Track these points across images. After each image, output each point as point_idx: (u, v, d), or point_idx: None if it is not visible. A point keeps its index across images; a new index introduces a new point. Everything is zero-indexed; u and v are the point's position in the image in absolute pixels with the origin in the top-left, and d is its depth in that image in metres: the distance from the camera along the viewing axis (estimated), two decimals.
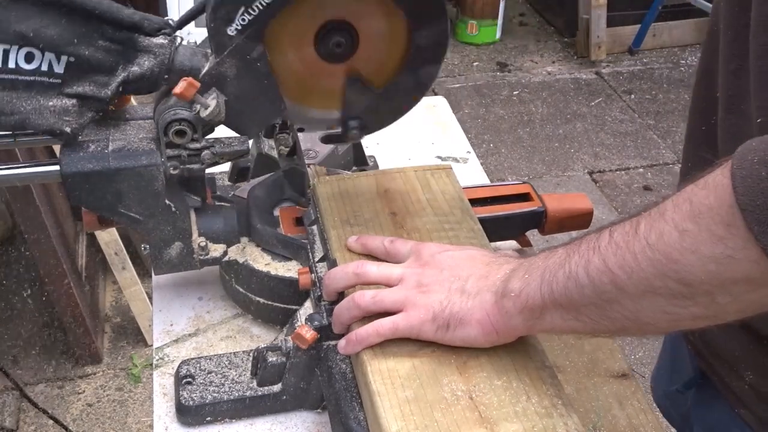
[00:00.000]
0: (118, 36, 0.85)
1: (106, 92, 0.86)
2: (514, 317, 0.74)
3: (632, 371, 1.02)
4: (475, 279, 0.78)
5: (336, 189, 1.00)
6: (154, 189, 0.91)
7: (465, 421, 0.71)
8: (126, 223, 0.94)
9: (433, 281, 0.79)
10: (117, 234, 2.38)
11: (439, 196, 1.00)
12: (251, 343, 1.02)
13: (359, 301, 0.80)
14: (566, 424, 0.71)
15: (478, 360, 0.77)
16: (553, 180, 3.37)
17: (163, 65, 0.87)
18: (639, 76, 4.15)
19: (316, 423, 0.92)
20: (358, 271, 0.84)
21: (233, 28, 0.83)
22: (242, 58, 0.85)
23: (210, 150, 0.91)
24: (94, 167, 0.88)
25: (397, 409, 0.72)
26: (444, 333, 0.77)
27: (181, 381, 0.92)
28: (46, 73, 0.84)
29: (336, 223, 0.95)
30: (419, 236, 0.92)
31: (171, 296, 1.10)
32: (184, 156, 0.91)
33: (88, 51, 0.84)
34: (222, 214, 1.03)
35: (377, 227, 0.94)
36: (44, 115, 0.85)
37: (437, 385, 0.74)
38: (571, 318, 0.71)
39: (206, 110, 0.86)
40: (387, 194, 1.00)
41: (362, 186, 1.01)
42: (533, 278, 0.72)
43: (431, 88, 0.94)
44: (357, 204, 0.98)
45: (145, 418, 2.33)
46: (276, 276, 1.00)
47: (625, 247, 0.65)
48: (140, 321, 2.49)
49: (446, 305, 0.77)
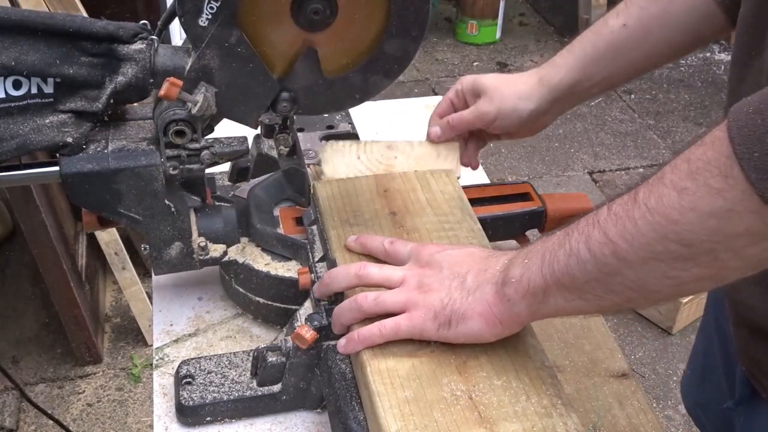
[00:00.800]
0: (97, 49, 0.86)
1: (97, 105, 0.87)
2: (517, 304, 0.73)
3: (632, 371, 1.03)
4: (474, 274, 0.78)
5: (336, 189, 1.00)
6: (154, 189, 0.91)
7: (464, 421, 0.71)
8: (126, 223, 0.94)
9: (433, 281, 0.79)
10: (117, 234, 2.38)
11: (439, 195, 1.00)
12: (251, 343, 1.02)
13: (362, 303, 0.80)
14: (566, 423, 0.71)
15: (478, 360, 0.77)
16: (553, 180, 3.37)
17: (146, 70, 0.87)
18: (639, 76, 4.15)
19: (316, 423, 0.92)
20: (361, 272, 0.84)
21: (204, 19, 0.82)
22: (221, 46, 0.84)
23: (209, 150, 0.91)
24: (93, 168, 0.88)
25: (396, 409, 0.72)
26: (447, 330, 0.76)
27: (181, 381, 0.92)
28: (37, 95, 0.85)
29: (336, 223, 0.95)
30: (419, 236, 0.92)
31: (171, 296, 1.10)
32: (183, 156, 0.91)
33: (72, 69, 0.85)
34: (222, 214, 1.03)
35: (377, 227, 0.94)
36: (43, 132, 0.86)
37: (437, 385, 0.74)
38: (574, 298, 0.70)
39: (195, 106, 0.85)
40: (387, 194, 1.00)
41: (362, 186, 1.01)
42: (533, 262, 0.72)
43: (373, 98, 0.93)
44: (357, 204, 0.98)
45: (145, 418, 2.33)
46: (276, 276, 1.00)
47: (625, 215, 0.64)
48: (140, 321, 2.49)
49: (447, 302, 0.77)
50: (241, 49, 0.84)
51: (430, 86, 4.06)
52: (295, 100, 0.90)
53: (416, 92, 3.97)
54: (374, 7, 0.84)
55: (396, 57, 0.87)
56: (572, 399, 0.94)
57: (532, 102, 1.07)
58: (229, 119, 0.91)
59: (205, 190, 1.02)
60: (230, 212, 1.03)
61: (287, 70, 0.88)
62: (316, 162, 1.08)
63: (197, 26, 0.82)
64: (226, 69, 0.85)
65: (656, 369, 2.48)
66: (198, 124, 0.88)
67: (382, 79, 0.89)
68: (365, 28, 0.86)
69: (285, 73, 0.88)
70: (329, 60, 0.88)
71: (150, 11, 2.64)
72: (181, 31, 2.58)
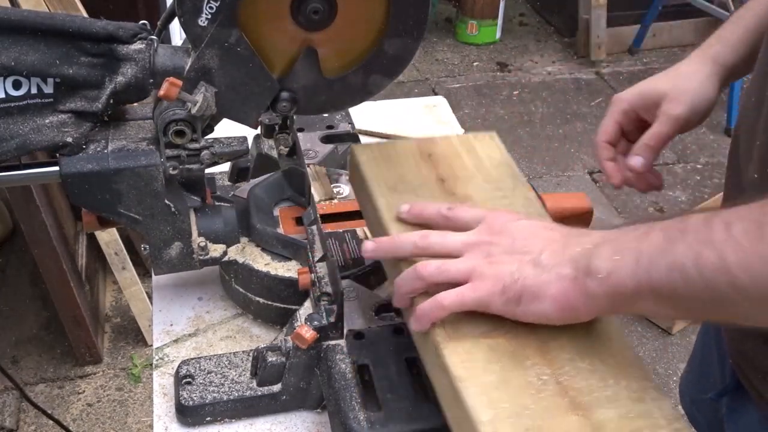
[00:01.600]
0: (97, 49, 0.86)
1: (97, 105, 0.87)
2: (600, 299, 0.68)
3: None
4: (551, 251, 0.71)
5: (377, 154, 0.92)
6: (154, 189, 0.91)
7: (557, 408, 0.65)
8: (126, 223, 0.94)
9: (504, 251, 0.73)
10: (117, 234, 2.38)
11: (486, 161, 0.92)
12: (251, 343, 1.02)
13: (422, 272, 0.74)
14: (660, 408, 0.66)
15: (558, 341, 0.71)
16: (553, 180, 3.38)
17: (146, 70, 0.87)
18: (639, 76, 4.14)
19: (315, 423, 0.92)
20: (421, 242, 0.76)
21: (204, 18, 0.81)
22: (221, 46, 0.83)
23: (209, 150, 0.91)
24: (93, 168, 0.88)
25: (484, 396, 0.65)
26: (515, 307, 0.70)
27: (181, 381, 0.92)
28: (37, 95, 0.85)
29: (384, 190, 0.86)
30: (473, 204, 0.84)
31: (171, 296, 1.10)
32: (183, 156, 0.91)
33: (72, 69, 0.85)
34: (222, 214, 1.03)
35: (427, 195, 0.86)
36: (43, 132, 0.86)
37: (521, 368, 0.68)
38: (668, 306, 0.65)
39: (195, 106, 0.85)
40: (431, 159, 0.92)
41: (404, 151, 0.93)
42: (626, 261, 0.66)
43: (374, 96, 0.91)
44: (402, 169, 0.90)
45: (145, 418, 2.33)
46: (276, 276, 1.00)
47: (750, 247, 0.60)
48: (140, 321, 2.49)
49: (518, 277, 0.70)
50: (240, 48, 0.84)
51: (430, 86, 4.06)
52: (295, 99, 0.90)
53: (416, 92, 3.97)
54: (374, 6, 0.84)
55: (396, 56, 0.87)
56: None
57: (714, 88, 0.98)
58: (228, 119, 0.91)
59: (205, 190, 1.02)
60: (230, 212, 1.03)
61: (287, 69, 0.88)
62: (316, 162, 1.08)
63: (197, 26, 0.82)
64: (225, 69, 0.85)
65: (656, 369, 2.48)
66: (198, 124, 0.88)
67: (382, 79, 0.89)
68: (365, 28, 0.86)
69: (285, 72, 0.88)
70: (329, 60, 0.88)
71: (150, 12, 2.64)
72: (181, 31, 2.56)
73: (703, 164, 3.51)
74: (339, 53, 0.88)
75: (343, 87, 0.90)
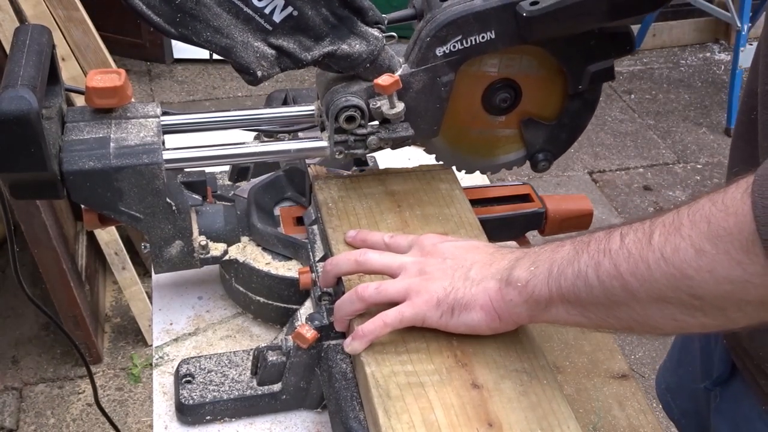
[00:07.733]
0: (340, 12, 0.88)
1: (306, 56, 0.89)
2: (518, 306, 0.74)
3: (632, 371, 1.02)
4: (479, 267, 0.78)
5: (335, 192, 1.00)
6: (155, 187, 0.91)
7: (468, 421, 0.71)
8: (126, 221, 0.94)
9: (436, 269, 0.79)
10: (117, 234, 2.39)
11: (439, 194, 1.00)
12: (251, 343, 1.02)
13: (362, 293, 0.80)
14: (569, 427, 0.72)
15: (481, 356, 0.78)
16: (553, 180, 3.38)
17: (372, 55, 0.90)
18: (639, 76, 4.16)
19: (316, 423, 0.92)
20: (361, 258, 0.84)
21: (442, 50, 0.89)
22: (433, 77, 0.91)
23: (376, 135, 0.93)
24: (95, 165, 0.88)
25: (405, 414, 0.72)
26: (449, 318, 0.77)
27: (181, 380, 0.92)
28: (266, 16, 0.87)
29: (335, 220, 0.95)
30: (421, 231, 0.92)
31: (171, 295, 1.09)
32: (350, 141, 0.93)
33: (311, 12, 0.87)
34: (222, 213, 1.03)
35: (380, 220, 0.95)
36: (248, 52, 0.88)
37: (441, 385, 0.75)
38: (576, 313, 0.71)
39: (392, 110, 0.90)
40: (388, 193, 1.00)
41: (364, 186, 1.01)
42: (540, 271, 0.72)
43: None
44: (358, 201, 0.98)
45: (145, 418, 2.33)
46: (276, 275, 1.00)
47: (638, 255, 0.65)
48: (140, 321, 2.49)
49: (450, 291, 0.77)
50: (443, 89, 0.93)
51: None
52: (550, 156, 1.07)
53: None
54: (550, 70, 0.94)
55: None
56: (572, 400, 0.94)
57: None
58: None
59: (206, 189, 1.02)
60: (231, 211, 1.03)
61: (524, 144, 1.03)
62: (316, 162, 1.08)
63: (432, 51, 0.90)
64: (419, 95, 0.93)
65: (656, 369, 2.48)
66: (366, 114, 0.92)
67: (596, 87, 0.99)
68: (552, 81, 0.97)
69: (525, 146, 1.04)
70: (541, 110, 1.01)
71: None
72: None
73: (703, 164, 3.51)
74: None
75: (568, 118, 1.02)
